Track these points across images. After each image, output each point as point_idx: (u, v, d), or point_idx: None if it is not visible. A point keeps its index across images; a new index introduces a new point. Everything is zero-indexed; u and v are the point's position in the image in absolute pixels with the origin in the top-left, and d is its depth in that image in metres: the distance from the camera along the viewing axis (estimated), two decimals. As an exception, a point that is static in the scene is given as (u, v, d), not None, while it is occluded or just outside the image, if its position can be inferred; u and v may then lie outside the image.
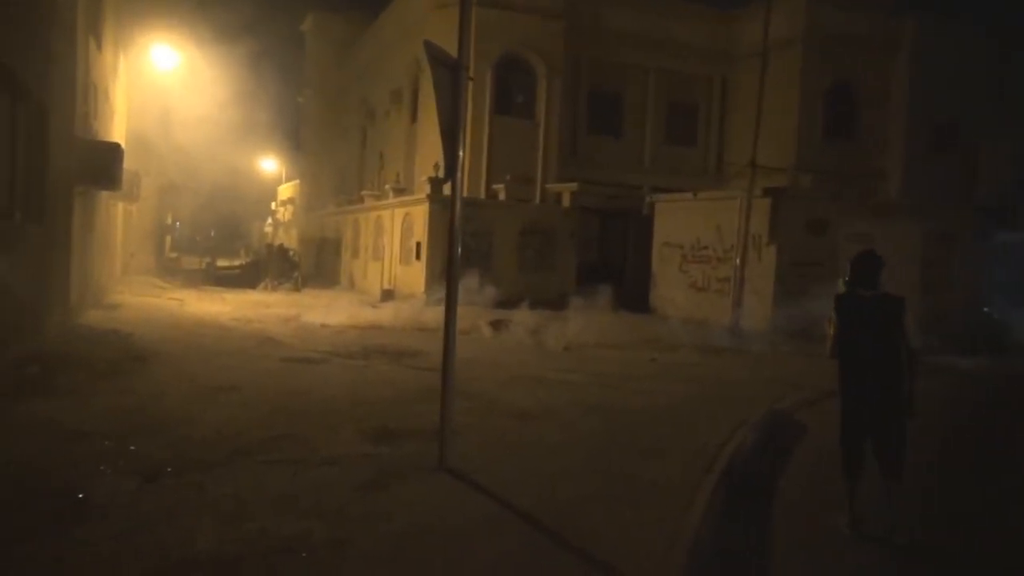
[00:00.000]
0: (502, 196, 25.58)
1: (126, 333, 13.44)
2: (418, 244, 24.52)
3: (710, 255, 21.00)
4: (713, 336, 16.78)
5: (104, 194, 18.22)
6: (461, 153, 6.21)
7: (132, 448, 6.42)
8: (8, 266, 8.92)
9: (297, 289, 28.62)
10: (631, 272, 24.75)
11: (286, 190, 59.30)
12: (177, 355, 11.60)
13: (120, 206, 23.31)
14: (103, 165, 14.45)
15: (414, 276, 24.40)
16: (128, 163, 17.30)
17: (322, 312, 17.94)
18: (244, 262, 43.66)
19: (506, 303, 20.79)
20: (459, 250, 6.40)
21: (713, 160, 31.24)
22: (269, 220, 61.64)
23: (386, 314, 18.75)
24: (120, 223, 23.79)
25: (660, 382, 11.42)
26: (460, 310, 6.60)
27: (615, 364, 13.16)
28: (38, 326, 10.89)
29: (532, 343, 15.57)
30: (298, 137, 53.68)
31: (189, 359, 11.31)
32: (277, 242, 41.19)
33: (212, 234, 79.11)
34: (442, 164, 6.02)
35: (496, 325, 18.34)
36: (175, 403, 8.26)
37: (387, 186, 29.85)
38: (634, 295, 21.97)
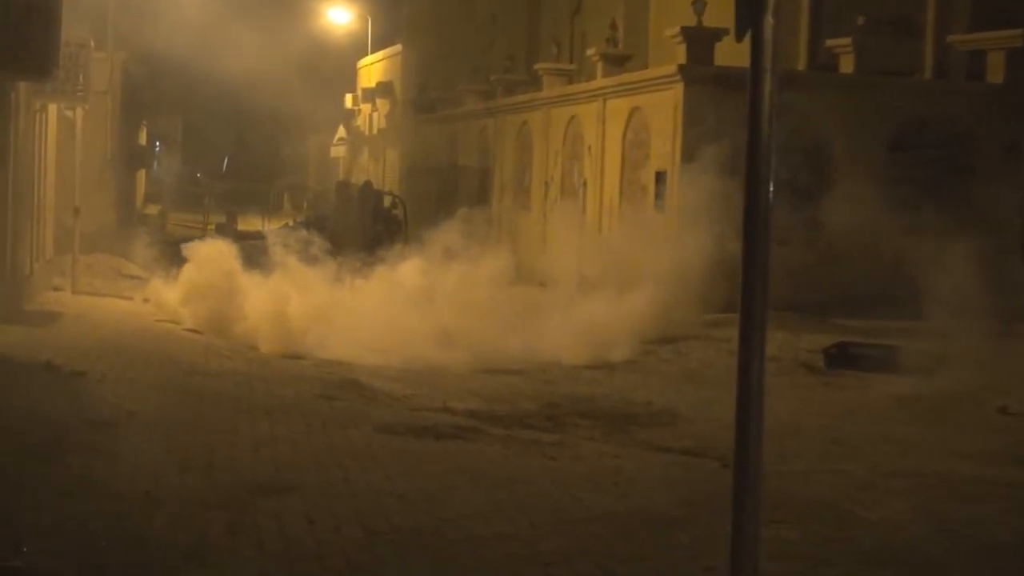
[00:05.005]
0: (847, 65, 25.18)
1: (73, 371, 14.42)
2: (659, 176, 24.58)
3: None
4: None
5: (23, 89, 19.69)
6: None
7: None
8: None
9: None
10: None
11: (374, 69, 61.55)
12: (174, 416, 12.27)
13: (53, 113, 25.11)
14: (23, 30, 15.59)
15: (647, 246, 24.46)
16: (68, 27, 18.55)
17: None
18: (292, 222, 45.92)
19: (857, 302, 20.35)
20: (770, 189, 6.30)
21: None
22: (340, 133, 64.07)
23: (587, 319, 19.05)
24: (52, 148, 25.62)
25: None
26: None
27: None
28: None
29: (922, 394, 15.37)
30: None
31: (198, 424, 11.96)
32: (360, 180, 42.85)
33: (226, 165, 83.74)
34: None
35: (837, 355, 18.04)
36: (177, 519, 8.75)
37: (590, 52, 30.18)
38: None
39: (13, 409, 11.90)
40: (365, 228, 32.45)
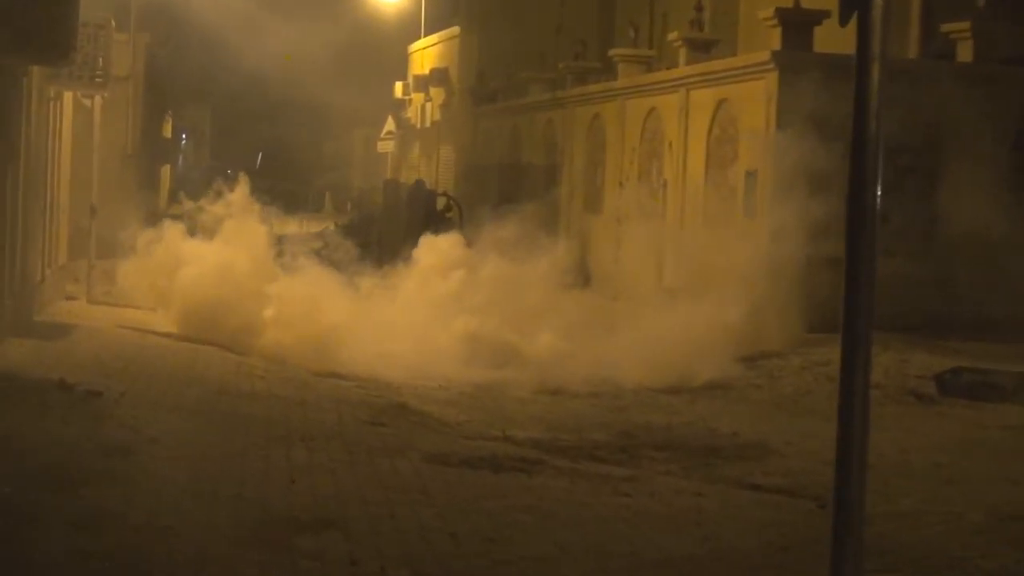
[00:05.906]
0: (965, 53, 25.01)
1: (88, 390, 14.52)
2: (749, 176, 24.48)
3: None
4: None
5: (36, 75, 19.87)
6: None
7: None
8: None
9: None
10: None
11: (427, 54, 61.72)
12: (200, 442, 12.33)
13: (68, 101, 25.33)
14: (36, 8, 15.75)
15: (734, 255, 24.36)
16: (86, 6, 18.71)
17: None
18: (333, 225, 46.17)
19: (974, 321, 20.20)
20: (877, 192, 6.29)
21: None
22: (388, 126, 64.24)
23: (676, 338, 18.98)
24: (68, 141, 25.83)
25: None
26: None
27: None
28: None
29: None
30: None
31: (226, 451, 12.02)
32: (410, 179, 42.95)
33: (260, 161, 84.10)
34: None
35: (951, 382, 17.89)
36: (203, 557, 8.78)
37: (672, 36, 30.13)
38: None
39: (22, 432, 11.97)
40: (415, 233, 32.36)
